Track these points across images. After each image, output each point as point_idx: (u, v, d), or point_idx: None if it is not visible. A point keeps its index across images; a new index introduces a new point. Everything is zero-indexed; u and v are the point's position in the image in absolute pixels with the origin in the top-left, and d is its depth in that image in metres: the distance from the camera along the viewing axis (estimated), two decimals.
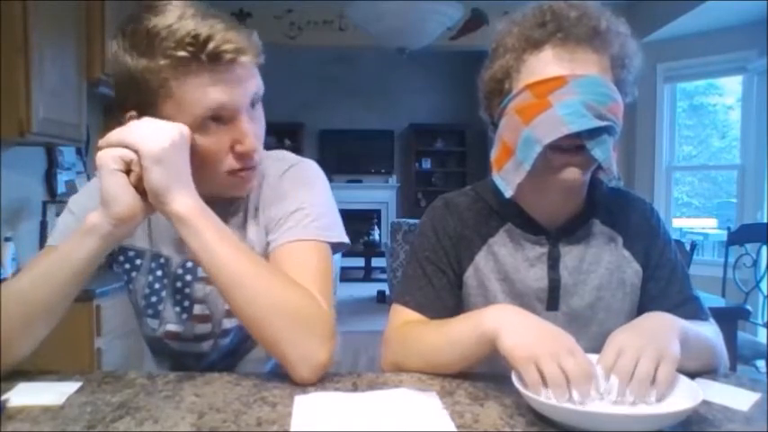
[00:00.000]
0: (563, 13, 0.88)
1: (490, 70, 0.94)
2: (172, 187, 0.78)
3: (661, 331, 0.74)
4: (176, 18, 0.79)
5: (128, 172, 0.78)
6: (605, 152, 0.85)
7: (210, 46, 0.79)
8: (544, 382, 0.67)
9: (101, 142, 0.79)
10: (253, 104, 0.88)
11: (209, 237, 0.79)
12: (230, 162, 0.87)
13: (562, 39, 0.87)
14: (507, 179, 0.91)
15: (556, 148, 0.86)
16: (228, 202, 0.96)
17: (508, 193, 0.91)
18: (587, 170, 0.90)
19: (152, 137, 0.77)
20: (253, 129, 0.87)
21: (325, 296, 0.85)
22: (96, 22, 2.62)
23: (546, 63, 0.88)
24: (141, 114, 0.83)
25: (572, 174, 0.88)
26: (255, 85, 0.86)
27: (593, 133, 0.84)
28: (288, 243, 0.90)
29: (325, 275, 0.89)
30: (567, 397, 0.67)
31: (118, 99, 0.86)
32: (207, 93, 0.81)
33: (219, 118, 0.84)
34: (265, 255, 0.92)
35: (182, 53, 0.78)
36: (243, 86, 0.84)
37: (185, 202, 0.79)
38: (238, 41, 0.81)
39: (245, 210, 0.97)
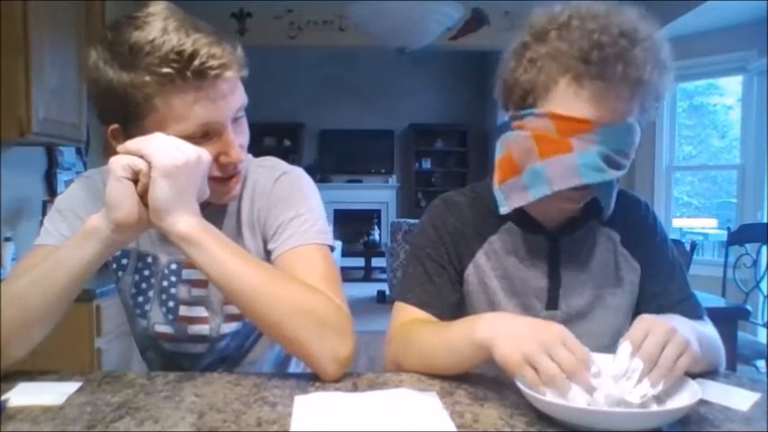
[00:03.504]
0: (609, 58, 0.80)
1: (515, 73, 0.88)
2: (174, 206, 0.77)
3: (683, 326, 0.74)
4: (159, 32, 0.78)
5: (137, 181, 0.78)
6: (608, 197, 0.89)
7: (195, 63, 0.78)
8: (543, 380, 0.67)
9: (119, 147, 0.79)
10: (237, 117, 0.87)
11: (216, 252, 0.79)
12: (213, 171, 0.86)
13: (602, 86, 0.81)
14: (508, 196, 0.92)
15: None
16: (220, 209, 0.96)
17: (504, 210, 0.92)
18: (587, 200, 0.92)
19: (168, 151, 0.76)
20: (237, 139, 0.87)
21: (336, 294, 0.86)
22: (96, 22, 2.62)
23: (578, 100, 0.82)
24: (124, 127, 0.83)
25: (572, 204, 0.92)
26: (239, 98, 0.86)
27: (603, 182, 0.84)
28: (291, 249, 0.91)
29: (333, 275, 0.90)
30: (569, 389, 0.66)
31: (99, 111, 0.85)
32: (192, 110, 0.80)
33: (205, 133, 0.83)
34: (265, 261, 0.92)
35: (166, 70, 0.77)
36: (227, 102, 0.83)
37: (187, 221, 0.78)
38: (223, 57, 0.80)
39: (238, 217, 0.97)
